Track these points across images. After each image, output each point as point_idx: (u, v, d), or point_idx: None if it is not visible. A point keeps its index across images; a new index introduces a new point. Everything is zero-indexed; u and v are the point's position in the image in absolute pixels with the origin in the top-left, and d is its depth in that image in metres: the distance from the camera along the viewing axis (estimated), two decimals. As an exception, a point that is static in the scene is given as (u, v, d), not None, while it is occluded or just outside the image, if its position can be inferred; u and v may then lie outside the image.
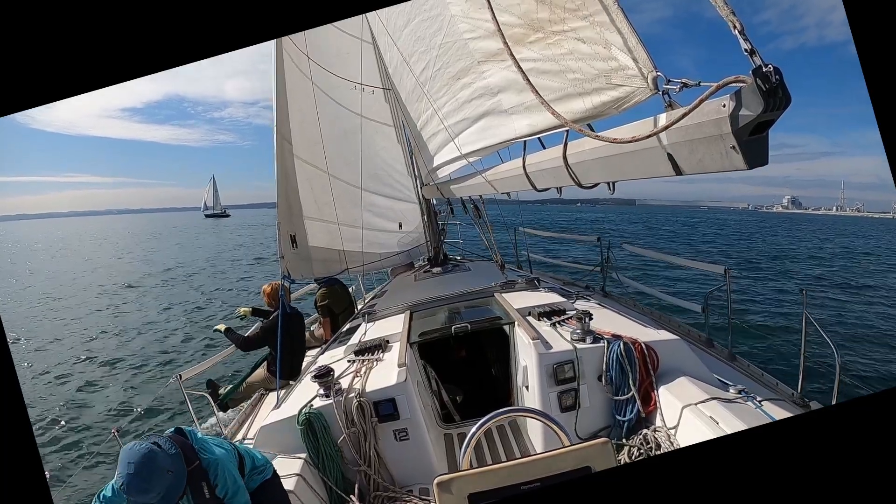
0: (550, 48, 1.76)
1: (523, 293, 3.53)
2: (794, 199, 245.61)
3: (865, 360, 7.44)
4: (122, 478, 1.40)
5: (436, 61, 2.97)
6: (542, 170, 2.29)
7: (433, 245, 5.74)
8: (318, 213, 4.94)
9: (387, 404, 2.43)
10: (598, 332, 2.60)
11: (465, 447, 1.72)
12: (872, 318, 10.30)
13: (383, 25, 3.74)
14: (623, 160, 1.56)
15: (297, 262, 4.38)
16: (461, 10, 2.45)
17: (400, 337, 3.01)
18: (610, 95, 1.56)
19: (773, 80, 1.02)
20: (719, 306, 4.16)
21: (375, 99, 5.35)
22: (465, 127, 3.04)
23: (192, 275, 19.14)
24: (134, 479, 1.39)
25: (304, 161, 4.68)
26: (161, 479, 1.42)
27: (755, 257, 20.98)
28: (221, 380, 4.45)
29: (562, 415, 2.45)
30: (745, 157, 1.13)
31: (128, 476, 1.40)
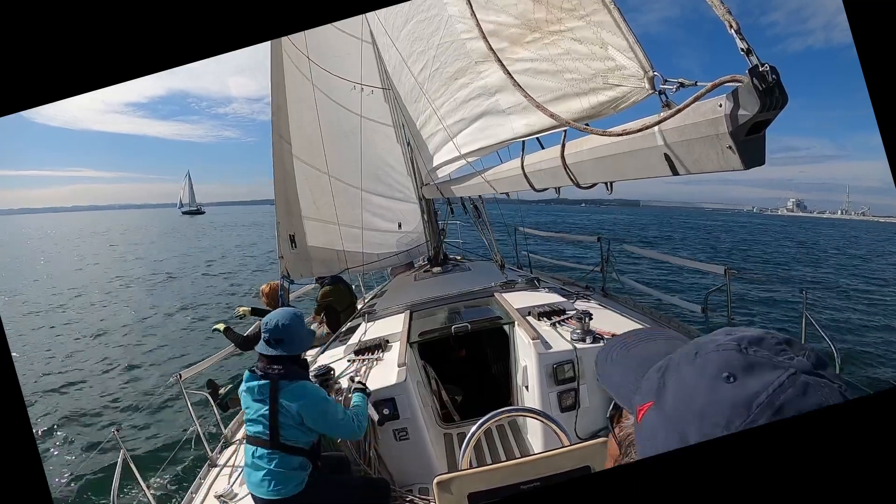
0: (547, 48, 1.76)
1: (523, 293, 3.53)
2: (799, 203, 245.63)
3: (865, 360, 7.44)
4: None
5: (434, 61, 2.97)
6: (541, 170, 2.29)
7: (433, 245, 5.74)
8: (317, 214, 4.95)
9: (386, 404, 2.43)
10: (598, 332, 2.61)
11: (465, 447, 1.72)
12: (872, 318, 10.30)
13: (382, 25, 3.75)
14: (620, 160, 1.56)
15: (296, 262, 4.38)
16: (458, 11, 2.45)
17: (400, 337, 3.01)
18: (607, 95, 1.57)
19: (770, 79, 1.02)
20: (719, 306, 4.16)
21: (375, 99, 5.35)
22: (463, 127, 3.04)
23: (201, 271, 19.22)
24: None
25: (304, 161, 4.69)
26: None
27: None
28: (220, 381, 4.45)
29: (562, 415, 2.45)
30: (741, 157, 1.13)
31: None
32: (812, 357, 0.39)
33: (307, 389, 1.98)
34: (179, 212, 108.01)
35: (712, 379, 0.39)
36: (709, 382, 0.39)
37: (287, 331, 2.00)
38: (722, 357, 0.40)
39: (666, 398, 0.41)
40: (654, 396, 0.42)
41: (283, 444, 1.93)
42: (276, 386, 1.95)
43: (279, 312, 2.09)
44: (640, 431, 0.44)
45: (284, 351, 1.99)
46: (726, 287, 3.34)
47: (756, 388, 0.37)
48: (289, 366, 2.00)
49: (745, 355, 0.39)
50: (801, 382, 0.36)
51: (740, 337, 0.41)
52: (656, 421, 0.41)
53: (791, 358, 0.39)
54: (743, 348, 0.40)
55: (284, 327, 2.00)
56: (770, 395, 0.36)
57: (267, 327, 2.02)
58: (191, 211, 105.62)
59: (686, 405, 0.39)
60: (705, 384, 0.39)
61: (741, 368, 0.38)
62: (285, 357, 2.00)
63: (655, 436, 0.41)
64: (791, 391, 0.36)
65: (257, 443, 1.96)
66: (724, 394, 0.37)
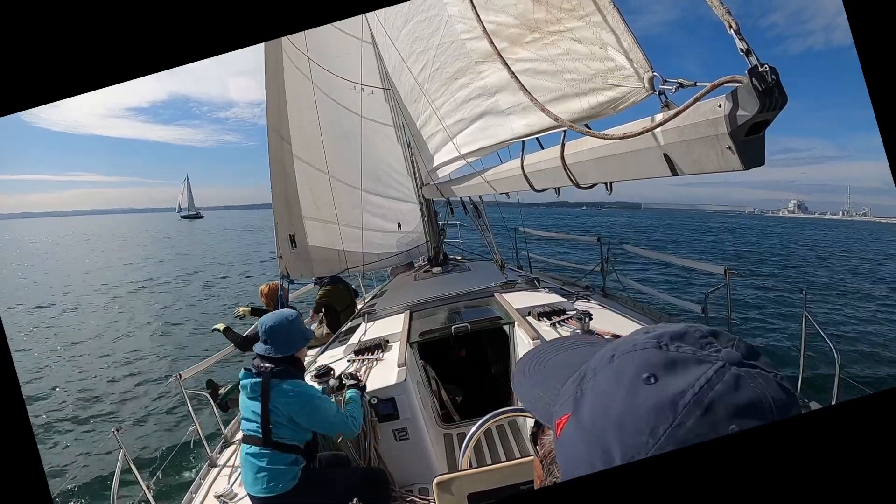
0: (547, 48, 1.76)
1: (523, 293, 3.53)
2: (801, 204, 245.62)
3: (865, 361, 7.45)
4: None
5: (434, 61, 2.97)
6: (541, 170, 2.29)
7: (433, 245, 5.74)
8: (317, 213, 4.95)
9: (386, 404, 2.43)
10: (598, 333, 2.61)
11: (465, 447, 1.72)
12: (873, 318, 10.30)
13: (382, 25, 3.75)
14: (620, 161, 1.56)
15: (296, 262, 4.38)
16: (458, 11, 2.45)
17: (400, 337, 3.01)
18: (606, 96, 1.57)
19: (770, 79, 1.02)
20: (719, 306, 4.16)
21: (375, 99, 5.36)
22: (463, 127, 3.04)
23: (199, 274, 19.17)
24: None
25: (304, 161, 4.69)
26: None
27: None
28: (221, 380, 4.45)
29: None
30: (741, 157, 1.13)
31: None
32: (742, 347, 0.36)
33: (296, 387, 2.00)
34: (178, 216, 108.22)
35: (630, 382, 0.35)
36: (627, 386, 0.35)
37: (271, 332, 2.04)
38: (640, 357, 0.36)
39: (583, 408, 0.37)
40: (571, 407, 0.38)
41: (275, 442, 1.95)
42: (267, 385, 1.97)
43: (271, 314, 2.13)
44: (560, 447, 0.40)
45: (274, 351, 2.03)
46: (726, 287, 3.34)
47: (680, 386, 0.33)
48: (282, 365, 2.02)
49: (666, 352, 0.36)
50: (732, 375, 0.33)
51: (660, 334, 0.38)
52: (575, 435, 0.37)
53: (718, 350, 0.35)
54: (663, 345, 0.36)
55: (269, 328, 2.05)
56: (697, 392, 0.32)
57: (260, 326, 2.09)
58: (189, 215, 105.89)
59: (604, 414, 0.35)
60: (623, 389, 0.35)
61: (662, 367, 0.35)
62: (279, 357, 2.03)
63: (576, 451, 0.37)
64: (720, 387, 0.33)
65: (250, 441, 1.99)
66: (645, 397, 0.34)
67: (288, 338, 2.07)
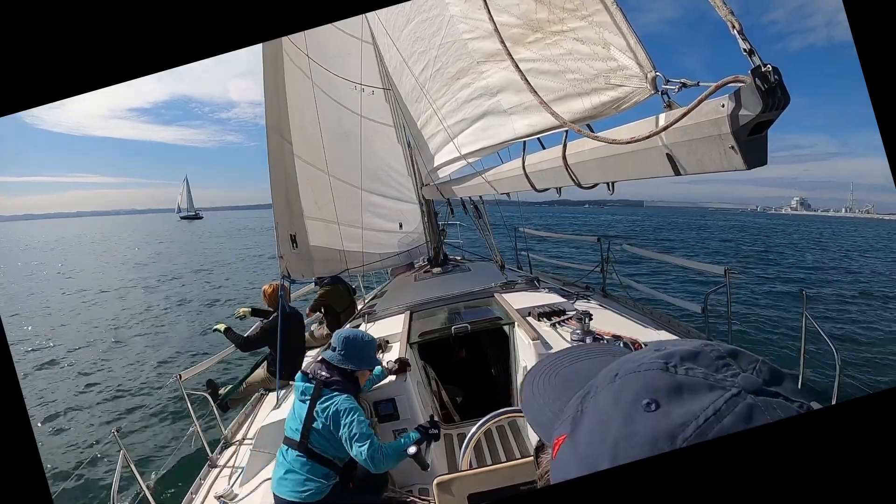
0: (549, 48, 1.76)
1: (523, 293, 3.52)
2: (803, 201, 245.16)
3: (865, 361, 7.44)
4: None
5: (435, 61, 2.97)
6: (542, 170, 2.29)
7: (433, 245, 5.74)
8: (318, 213, 4.95)
9: (386, 404, 2.43)
10: (598, 333, 2.60)
11: (465, 447, 1.72)
12: (873, 318, 10.30)
13: (383, 25, 3.74)
14: (622, 160, 1.56)
15: (296, 262, 4.38)
16: (460, 11, 2.45)
17: (400, 337, 3.01)
18: (609, 96, 1.56)
19: (772, 79, 1.02)
20: (719, 307, 4.15)
21: (375, 99, 5.36)
22: (464, 127, 3.04)
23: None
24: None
25: (305, 161, 4.69)
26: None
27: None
28: (221, 381, 4.45)
29: None
30: (744, 157, 1.13)
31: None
32: (764, 371, 0.32)
33: (337, 400, 1.97)
34: (177, 217, 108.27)
35: (629, 406, 0.32)
36: (624, 411, 0.31)
37: (346, 342, 2.08)
38: (643, 379, 0.33)
39: (580, 431, 0.34)
40: (569, 428, 0.35)
41: (309, 449, 1.94)
42: (318, 391, 1.98)
43: (354, 330, 2.19)
44: (555, 469, 0.36)
45: (340, 361, 2.05)
46: (726, 287, 3.34)
47: (683, 416, 0.29)
48: (338, 376, 2.02)
49: (673, 375, 0.32)
50: (745, 406, 0.29)
51: (669, 353, 0.34)
52: (569, 459, 0.34)
53: (735, 374, 0.32)
54: (671, 367, 0.32)
55: (344, 338, 2.09)
56: (701, 425, 0.29)
57: (335, 337, 2.13)
58: (188, 216, 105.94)
59: (600, 440, 0.32)
60: (621, 413, 0.32)
61: (666, 392, 0.31)
62: (340, 369, 2.05)
63: (567, 476, 0.34)
64: (729, 419, 0.29)
65: (289, 442, 1.99)
66: (643, 425, 0.30)
67: (359, 354, 2.10)
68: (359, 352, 2.10)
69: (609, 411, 0.33)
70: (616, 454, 0.30)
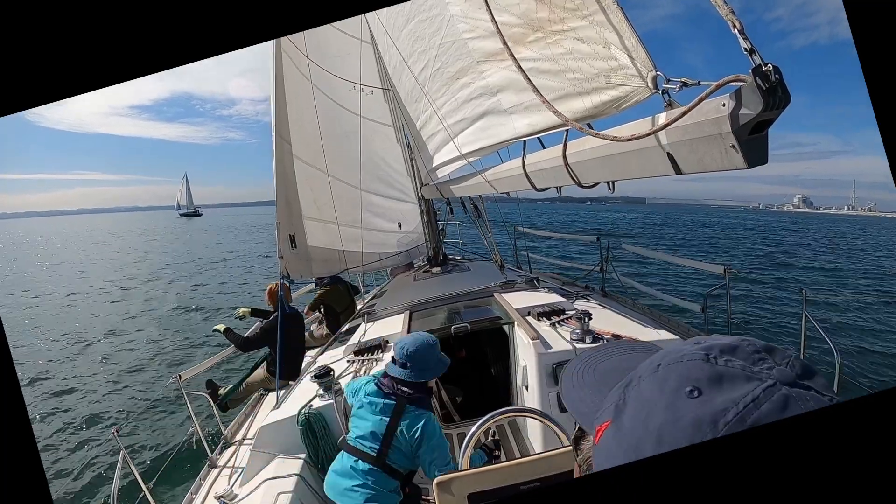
0: (550, 48, 1.76)
1: (523, 293, 3.52)
2: (806, 199, 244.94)
3: (865, 360, 7.45)
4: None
5: (435, 61, 2.97)
6: (542, 169, 2.29)
7: (433, 245, 5.74)
8: (317, 214, 4.94)
9: None
10: (597, 332, 2.60)
11: (465, 447, 1.72)
12: (873, 318, 10.31)
13: (382, 25, 3.74)
14: (622, 159, 1.56)
15: (296, 263, 4.38)
16: (460, 10, 2.45)
17: (400, 337, 3.01)
18: (609, 95, 1.56)
19: (773, 78, 1.02)
20: (719, 306, 4.16)
21: (375, 99, 5.35)
22: (464, 127, 3.04)
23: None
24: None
25: (304, 161, 4.69)
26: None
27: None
28: (223, 381, 4.45)
29: (562, 415, 2.45)
30: (744, 156, 1.13)
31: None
32: (797, 366, 0.34)
33: (431, 420, 1.93)
34: (177, 214, 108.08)
35: (673, 393, 0.34)
36: (669, 398, 0.34)
37: (413, 357, 1.95)
38: (685, 368, 0.35)
39: (624, 417, 0.36)
40: (612, 415, 0.38)
41: (388, 465, 1.89)
42: (401, 408, 1.91)
43: (413, 337, 2.03)
44: (597, 455, 0.39)
45: (411, 377, 1.94)
46: (726, 287, 3.34)
47: (724, 403, 0.32)
48: (418, 391, 1.96)
49: (714, 366, 0.34)
50: (781, 396, 0.32)
51: (710, 346, 0.36)
52: (612, 443, 0.36)
53: (770, 368, 0.34)
54: (711, 358, 0.35)
55: (411, 353, 1.95)
56: (741, 411, 0.31)
57: (396, 348, 2.00)
58: (188, 213, 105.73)
59: (644, 425, 0.34)
60: (665, 400, 0.34)
61: (707, 381, 0.33)
62: (415, 382, 1.95)
63: (611, 460, 0.36)
64: (767, 407, 0.31)
65: (362, 455, 1.90)
66: (686, 410, 0.32)
67: (429, 364, 1.98)
68: (429, 361, 1.99)
69: (653, 398, 0.35)
70: (661, 437, 0.33)
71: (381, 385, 1.97)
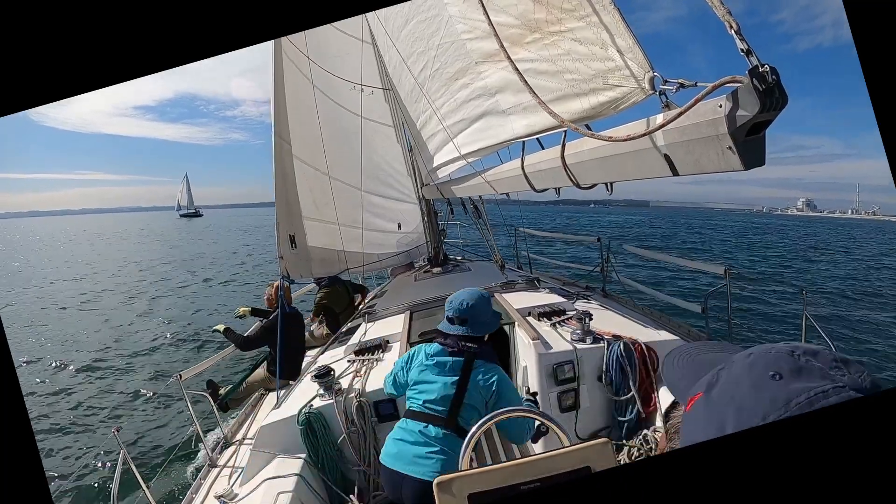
0: (547, 49, 1.76)
1: (523, 293, 3.53)
2: (809, 202, 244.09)
3: (865, 361, 7.44)
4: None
5: (434, 62, 2.97)
6: (541, 170, 2.29)
7: (433, 245, 5.74)
8: (317, 214, 4.95)
9: (387, 404, 2.43)
10: (598, 333, 2.61)
11: (465, 447, 1.72)
12: (873, 317, 10.30)
13: (382, 26, 3.75)
14: (620, 161, 1.56)
15: (295, 263, 4.38)
16: (459, 11, 2.45)
17: (400, 337, 3.01)
18: (607, 96, 1.57)
19: (770, 80, 1.02)
20: (720, 307, 4.15)
21: (375, 99, 5.36)
22: (463, 127, 3.04)
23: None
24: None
25: (304, 162, 4.69)
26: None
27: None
28: (223, 381, 4.46)
29: (562, 415, 2.45)
30: (741, 157, 1.13)
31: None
32: (867, 380, 0.39)
33: (502, 373, 1.88)
34: (177, 214, 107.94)
35: (759, 375, 0.40)
36: (755, 378, 0.40)
37: (473, 310, 1.91)
38: (773, 357, 0.42)
39: (714, 390, 0.44)
40: (704, 388, 0.45)
41: (458, 425, 1.82)
42: (470, 364, 1.85)
43: (466, 292, 1.99)
44: (686, 420, 0.47)
45: (471, 331, 1.89)
46: (726, 287, 3.34)
47: (799, 389, 0.37)
48: (483, 346, 1.91)
49: (797, 360, 0.40)
50: (846, 396, 0.36)
51: (796, 346, 0.43)
52: (701, 410, 0.44)
53: (843, 375, 0.39)
54: (796, 354, 0.41)
55: (470, 307, 1.91)
56: (811, 397, 0.36)
57: (451, 305, 1.96)
58: (188, 214, 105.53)
59: (730, 396, 0.41)
60: (751, 379, 0.41)
61: (789, 370, 0.39)
62: (477, 337, 1.91)
63: (697, 422, 0.43)
64: (833, 399, 0.36)
65: (429, 419, 1.83)
66: (767, 389, 0.39)
67: (488, 317, 1.95)
68: (488, 314, 1.95)
69: (741, 377, 0.42)
70: (741, 406, 0.39)
71: (445, 345, 1.90)
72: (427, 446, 1.79)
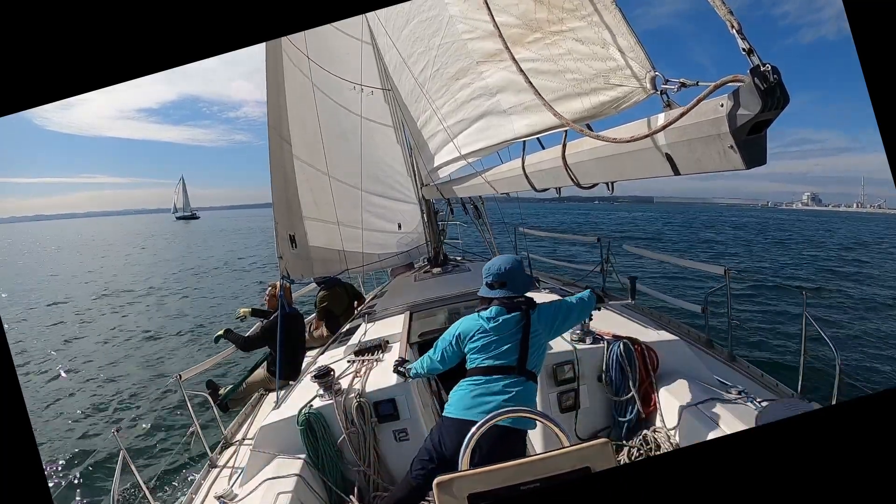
0: (548, 48, 1.76)
1: None
2: (815, 196, 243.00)
3: (865, 361, 7.44)
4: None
5: (434, 62, 2.97)
6: (542, 170, 2.29)
7: (433, 245, 5.74)
8: (317, 214, 4.95)
9: (387, 404, 2.43)
10: (598, 333, 2.61)
11: (465, 447, 1.72)
12: (873, 317, 10.29)
13: (382, 26, 3.75)
14: (621, 160, 1.56)
15: (296, 263, 4.38)
16: (459, 11, 2.45)
17: (400, 337, 3.01)
18: (608, 95, 1.57)
19: (771, 79, 1.02)
20: (719, 307, 4.15)
21: (375, 99, 5.36)
22: (464, 127, 3.04)
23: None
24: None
25: (304, 162, 4.69)
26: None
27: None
28: (223, 381, 4.46)
29: (562, 415, 2.45)
30: (743, 156, 1.13)
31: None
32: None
33: (544, 305, 2.09)
34: (173, 217, 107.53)
35: None
36: None
37: (511, 273, 2.08)
38: None
39: None
40: None
41: (529, 371, 1.98)
42: (528, 315, 2.02)
43: (501, 258, 2.19)
44: None
45: (511, 292, 2.06)
46: (726, 288, 3.34)
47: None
48: (529, 300, 2.09)
49: None
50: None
51: None
52: None
53: None
54: None
55: (509, 270, 2.08)
56: None
57: (489, 272, 2.12)
58: (184, 216, 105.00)
59: None
60: None
61: None
62: (522, 295, 2.08)
63: None
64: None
65: (505, 371, 1.96)
66: None
67: (524, 279, 2.14)
68: (524, 276, 2.14)
69: None
70: None
71: (503, 304, 2.05)
72: (503, 394, 1.92)
